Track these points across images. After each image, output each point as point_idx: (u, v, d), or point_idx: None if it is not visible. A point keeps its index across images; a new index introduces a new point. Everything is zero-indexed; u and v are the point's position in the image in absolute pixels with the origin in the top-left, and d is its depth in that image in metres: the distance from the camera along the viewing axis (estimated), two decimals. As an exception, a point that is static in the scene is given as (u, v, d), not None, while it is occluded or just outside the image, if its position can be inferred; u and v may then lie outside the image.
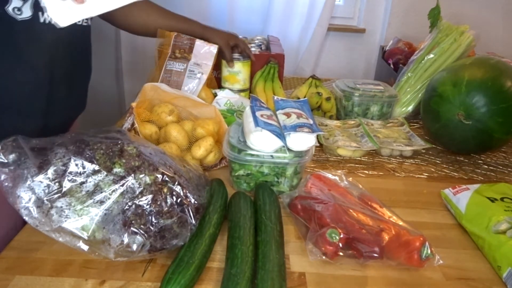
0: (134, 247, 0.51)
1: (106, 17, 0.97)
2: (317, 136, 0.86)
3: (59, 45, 0.77)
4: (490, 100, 0.83)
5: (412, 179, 0.85)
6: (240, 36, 1.44)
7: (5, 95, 0.73)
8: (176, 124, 0.78)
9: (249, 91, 1.19)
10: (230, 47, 1.08)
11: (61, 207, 0.50)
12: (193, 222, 0.54)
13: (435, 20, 1.20)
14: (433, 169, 0.90)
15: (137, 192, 0.52)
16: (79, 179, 0.51)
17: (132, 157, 0.54)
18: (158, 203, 0.53)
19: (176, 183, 0.55)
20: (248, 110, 0.78)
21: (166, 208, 0.53)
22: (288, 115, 0.78)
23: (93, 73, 0.97)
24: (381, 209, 0.66)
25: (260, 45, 1.35)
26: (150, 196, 0.53)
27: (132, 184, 0.52)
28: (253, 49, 1.27)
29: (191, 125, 0.80)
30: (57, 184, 0.51)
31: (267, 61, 1.20)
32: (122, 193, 0.52)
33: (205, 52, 1.04)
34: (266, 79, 1.18)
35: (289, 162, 0.72)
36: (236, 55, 1.15)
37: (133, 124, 0.75)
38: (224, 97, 1.08)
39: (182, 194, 0.55)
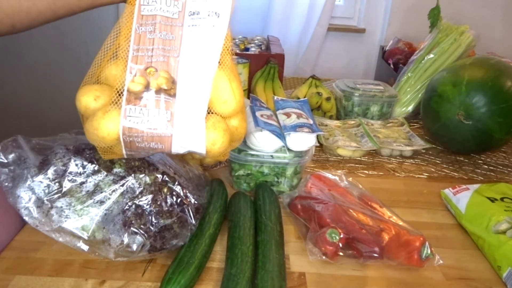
0: (134, 247, 0.51)
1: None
2: (317, 136, 0.86)
3: None
4: (490, 100, 0.83)
5: (412, 179, 0.85)
6: (240, 36, 1.44)
7: None
8: (176, 124, 0.78)
9: (248, 91, 1.19)
10: None
11: (61, 207, 0.50)
12: (193, 222, 0.54)
13: (435, 20, 1.20)
14: (433, 169, 0.90)
15: (137, 192, 0.52)
16: (79, 179, 0.51)
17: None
18: (158, 203, 0.53)
19: (176, 183, 0.55)
20: (248, 110, 0.78)
21: (166, 208, 0.53)
22: (288, 115, 0.78)
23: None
24: (381, 209, 0.66)
25: (260, 45, 1.35)
26: (150, 196, 0.53)
27: (132, 184, 0.52)
28: (253, 49, 1.27)
29: (191, 125, 0.80)
30: (57, 184, 0.51)
31: (267, 61, 1.20)
32: (122, 193, 0.52)
33: None
34: (266, 79, 1.18)
35: (289, 162, 0.72)
36: (235, 58, 1.15)
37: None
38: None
39: (182, 194, 0.55)
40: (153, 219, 0.52)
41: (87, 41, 1.35)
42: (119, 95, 0.47)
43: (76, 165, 0.52)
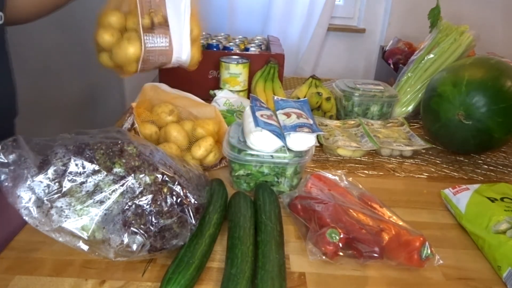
0: (134, 247, 0.51)
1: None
2: (317, 136, 0.86)
3: None
4: (490, 100, 0.83)
5: (412, 179, 0.85)
6: (240, 36, 1.44)
7: None
8: (176, 124, 0.78)
9: (248, 91, 1.19)
10: None
11: (61, 207, 0.50)
12: (193, 222, 0.54)
13: (435, 20, 1.20)
14: (433, 169, 0.90)
15: (137, 192, 0.52)
16: (79, 179, 0.51)
17: (132, 157, 0.54)
18: (158, 203, 0.53)
19: (176, 183, 0.55)
20: (248, 110, 0.78)
21: (166, 208, 0.53)
22: (288, 115, 0.78)
23: (93, 73, 0.96)
24: (381, 209, 0.66)
25: (260, 45, 1.35)
26: (150, 196, 0.53)
27: (132, 184, 0.52)
28: (253, 49, 1.27)
29: (191, 125, 0.80)
30: (57, 184, 0.51)
31: (267, 61, 1.20)
32: (122, 193, 0.52)
33: None
34: (266, 79, 1.18)
35: (289, 162, 0.72)
36: (235, 58, 1.15)
37: (133, 124, 0.75)
38: (223, 97, 1.08)
39: (182, 194, 0.55)
40: (153, 219, 0.52)
41: (88, 41, 1.35)
42: (135, 31, 0.76)
43: (76, 165, 0.52)
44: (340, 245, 0.57)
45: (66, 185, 0.51)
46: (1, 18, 0.72)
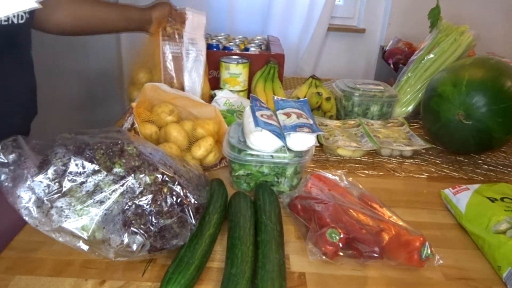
0: (134, 247, 0.51)
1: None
2: (317, 136, 0.86)
3: None
4: (490, 100, 0.83)
5: (412, 179, 0.85)
6: (240, 36, 1.44)
7: None
8: (176, 124, 0.78)
9: (248, 91, 1.19)
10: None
11: (61, 207, 0.50)
12: (193, 222, 0.54)
13: (435, 20, 1.20)
14: (433, 169, 0.90)
15: (137, 192, 0.52)
16: (79, 179, 0.51)
17: (132, 157, 0.54)
18: (158, 203, 0.53)
19: (176, 183, 0.55)
20: (248, 110, 0.78)
21: (166, 208, 0.53)
22: (288, 115, 0.78)
23: (93, 73, 0.96)
24: (381, 209, 0.66)
25: (260, 45, 1.35)
26: (150, 196, 0.53)
27: (132, 184, 0.52)
28: (253, 49, 1.27)
29: (191, 125, 0.80)
30: (57, 184, 0.51)
31: (267, 61, 1.20)
32: (122, 193, 0.52)
33: (198, 22, 0.99)
34: (266, 79, 1.18)
35: (289, 162, 0.72)
36: (235, 58, 1.15)
37: (133, 124, 0.75)
38: (223, 97, 1.08)
39: (182, 194, 0.55)
40: (153, 219, 0.52)
41: (89, 42, 1.35)
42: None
43: (76, 165, 0.52)
44: (340, 245, 0.57)
45: (66, 185, 0.51)
46: (22, 18, 0.70)
